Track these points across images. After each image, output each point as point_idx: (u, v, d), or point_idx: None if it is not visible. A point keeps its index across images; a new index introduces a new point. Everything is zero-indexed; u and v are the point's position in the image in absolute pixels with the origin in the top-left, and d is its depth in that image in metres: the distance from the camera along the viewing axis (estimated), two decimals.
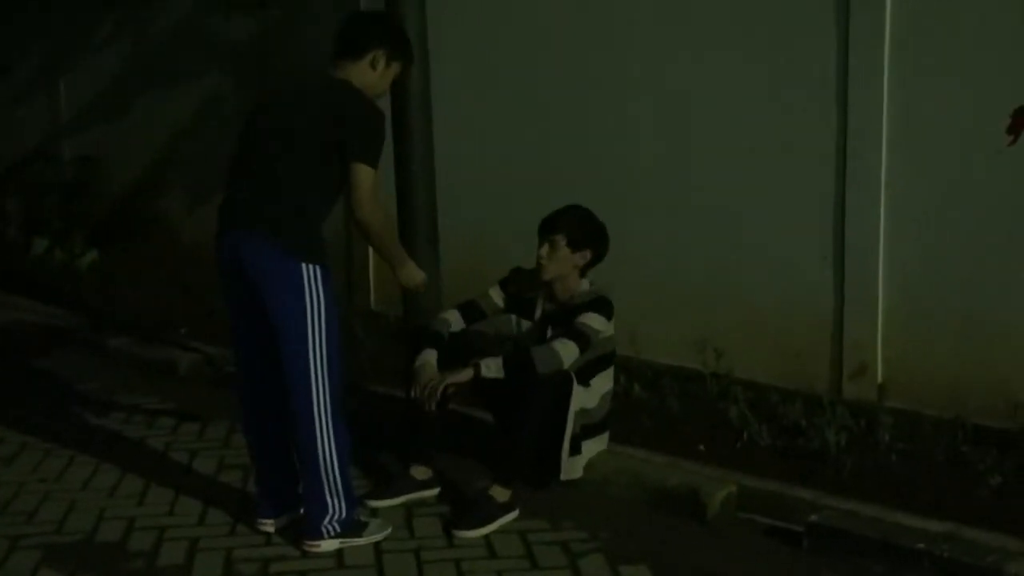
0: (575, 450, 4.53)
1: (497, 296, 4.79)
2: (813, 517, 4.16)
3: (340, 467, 4.10)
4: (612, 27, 5.81)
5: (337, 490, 4.11)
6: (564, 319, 4.54)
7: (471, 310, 4.76)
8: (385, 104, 4.31)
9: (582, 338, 4.46)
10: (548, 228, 4.59)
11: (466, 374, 4.42)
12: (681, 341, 5.66)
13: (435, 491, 4.64)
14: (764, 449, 4.88)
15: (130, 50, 8.66)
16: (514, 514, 4.39)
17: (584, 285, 4.64)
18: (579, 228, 4.58)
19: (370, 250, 6.92)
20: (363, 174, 3.94)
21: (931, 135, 4.96)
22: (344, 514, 4.15)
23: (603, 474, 4.65)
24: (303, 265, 3.94)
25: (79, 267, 8.52)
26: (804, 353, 5.37)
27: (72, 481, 4.90)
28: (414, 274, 4.40)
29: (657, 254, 5.79)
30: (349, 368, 4.70)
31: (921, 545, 3.88)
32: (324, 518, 4.11)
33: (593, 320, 4.50)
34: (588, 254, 4.59)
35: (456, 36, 6.16)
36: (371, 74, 4.12)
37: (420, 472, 4.63)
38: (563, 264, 4.57)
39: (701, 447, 4.93)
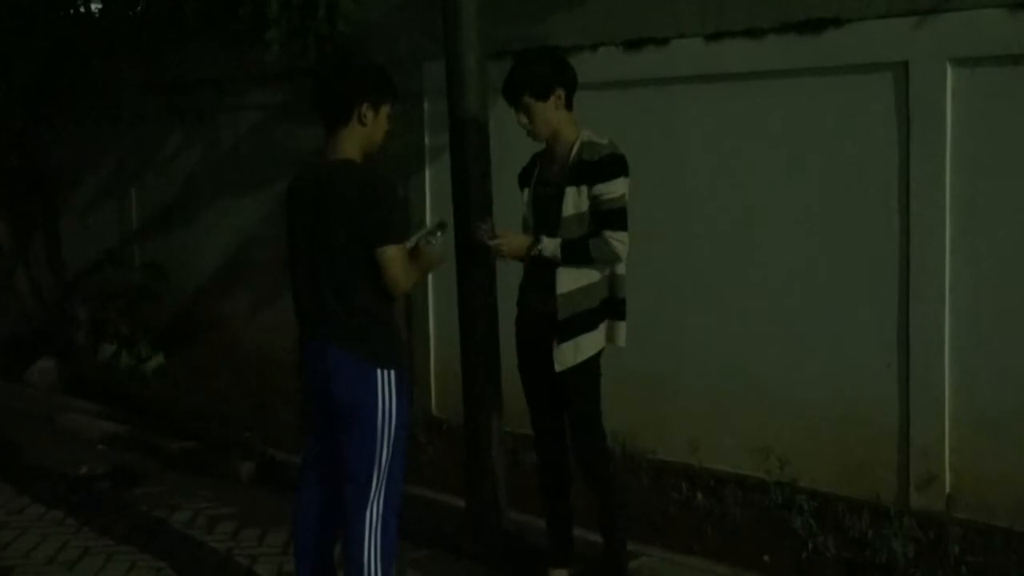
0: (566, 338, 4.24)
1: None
2: None
3: (383, 565, 4.05)
4: (681, 145, 5.87)
5: None
6: (580, 175, 4.22)
7: None
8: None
9: (620, 216, 4.20)
10: (511, 96, 4.33)
11: (525, 240, 4.29)
12: (744, 449, 5.61)
13: None
14: (830, 560, 4.79)
15: (199, 159, 8.88)
16: None
17: (585, 135, 4.31)
18: (536, 76, 4.28)
19: (431, 356, 6.99)
20: (388, 255, 3.90)
21: (994, 240, 4.94)
22: None
23: None
24: (378, 371, 3.97)
25: (145, 371, 8.64)
26: (870, 462, 5.28)
27: None
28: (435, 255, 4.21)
29: (720, 363, 5.76)
30: (409, 474, 4.69)
31: None
32: None
33: (616, 187, 4.20)
34: (560, 91, 4.29)
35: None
36: (364, 130, 4.04)
37: (560, 574, 4.62)
38: (547, 117, 4.29)
39: (765, 558, 4.85)
